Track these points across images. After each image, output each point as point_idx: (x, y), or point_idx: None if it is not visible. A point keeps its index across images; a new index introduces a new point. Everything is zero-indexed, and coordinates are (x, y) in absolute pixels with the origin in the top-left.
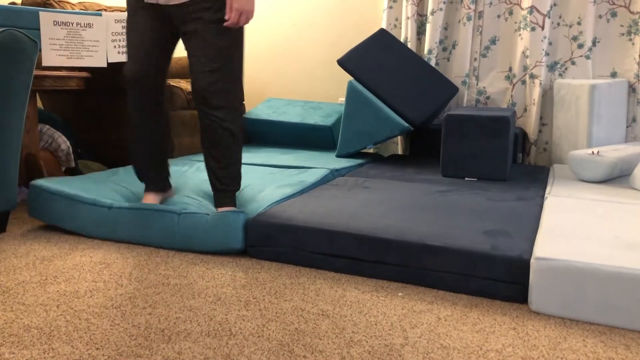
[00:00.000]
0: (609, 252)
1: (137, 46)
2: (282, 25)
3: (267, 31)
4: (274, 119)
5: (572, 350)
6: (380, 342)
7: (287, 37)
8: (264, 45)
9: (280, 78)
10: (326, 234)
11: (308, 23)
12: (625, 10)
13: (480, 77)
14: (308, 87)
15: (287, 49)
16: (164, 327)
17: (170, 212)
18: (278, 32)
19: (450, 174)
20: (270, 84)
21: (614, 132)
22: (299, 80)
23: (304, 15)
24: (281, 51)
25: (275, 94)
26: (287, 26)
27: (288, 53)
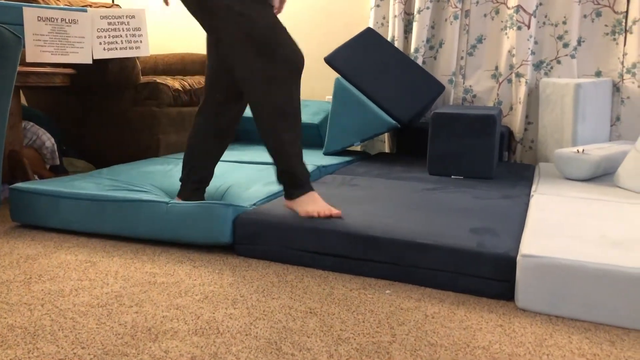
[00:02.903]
0: (595, 250)
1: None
2: None
3: None
4: None
5: (558, 347)
6: (368, 339)
7: None
8: None
9: None
10: (314, 232)
11: (295, 21)
12: (609, 10)
13: (467, 75)
14: None
15: None
16: (151, 326)
17: (158, 202)
18: None
19: (436, 172)
20: None
21: (599, 131)
22: None
23: (291, 13)
24: None
25: None
26: None
27: None
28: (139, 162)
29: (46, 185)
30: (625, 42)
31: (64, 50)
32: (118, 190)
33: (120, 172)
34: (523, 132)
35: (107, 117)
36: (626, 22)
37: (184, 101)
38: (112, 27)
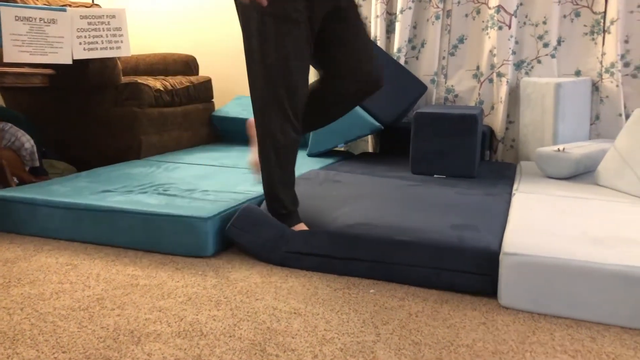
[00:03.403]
0: (576, 247)
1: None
2: None
3: (237, 29)
4: (244, 116)
5: (541, 344)
6: (353, 339)
7: None
8: (233, 42)
9: None
10: (300, 233)
11: None
12: (588, 11)
13: (449, 75)
14: None
15: None
16: (133, 329)
17: (137, 213)
18: None
19: (419, 171)
20: (239, 81)
21: (579, 130)
22: None
23: None
24: None
25: (245, 92)
26: None
27: None
28: (120, 165)
29: (22, 192)
30: (603, 42)
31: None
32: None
33: (100, 175)
34: (504, 131)
35: (87, 118)
36: (604, 22)
37: (166, 101)
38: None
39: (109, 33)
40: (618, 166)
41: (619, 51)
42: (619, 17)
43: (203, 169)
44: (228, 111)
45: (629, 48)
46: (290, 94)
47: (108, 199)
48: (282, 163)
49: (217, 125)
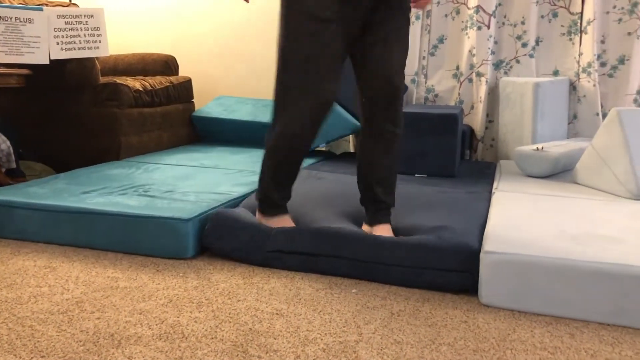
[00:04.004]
0: (555, 245)
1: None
2: (233, 22)
3: (217, 28)
4: (225, 117)
5: (521, 341)
6: (335, 339)
7: (237, 34)
8: (214, 42)
9: (231, 75)
10: (282, 231)
11: (259, 20)
12: (565, 11)
13: (429, 75)
14: (259, 84)
15: (238, 46)
16: (114, 332)
17: (117, 215)
18: (229, 29)
19: (401, 171)
20: (220, 81)
21: (557, 129)
22: (249, 77)
23: (256, 12)
24: (231, 48)
25: (226, 92)
26: (238, 24)
27: (238, 50)
28: (99, 166)
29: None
30: (580, 42)
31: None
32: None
33: (79, 176)
34: (484, 130)
35: (65, 119)
36: (581, 23)
37: (145, 102)
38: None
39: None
40: (596, 165)
41: (596, 51)
42: (595, 18)
43: (183, 169)
44: (209, 111)
45: (605, 48)
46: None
47: (87, 201)
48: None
49: (198, 126)
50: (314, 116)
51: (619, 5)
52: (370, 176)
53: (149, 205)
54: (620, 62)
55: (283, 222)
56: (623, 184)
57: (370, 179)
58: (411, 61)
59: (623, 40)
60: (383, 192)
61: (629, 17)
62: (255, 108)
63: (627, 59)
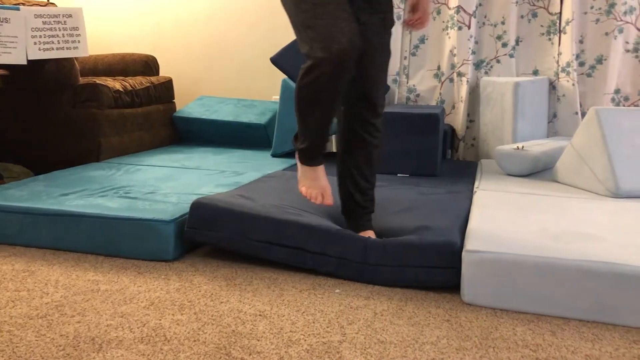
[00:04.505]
0: (536, 243)
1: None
2: (214, 22)
3: (198, 28)
4: (207, 117)
5: (503, 339)
6: (319, 339)
7: (219, 33)
8: (195, 41)
9: (213, 75)
10: (272, 222)
11: (240, 20)
12: (544, 11)
13: (410, 75)
14: (241, 84)
15: (219, 45)
16: (94, 336)
17: (97, 217)
18: (210, 28)
19: (383, 171)
20: (202, 81)
21: (537, 128)
22: (231, 77)
23: (237, 12)
24: (213, 48)
25: (207, 92)
26: (219, 24)
27: (220, 50)
28: (79, 167)
29: None
30: (559, 42)
31: None
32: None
33: (58, 178)
34: (465, 130)
35: (44, 120)
36: (560, 23)
37: (126, 102)
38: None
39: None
40: (575, 163)
41: (574, 51)
42: (573, 18)
43: (165, 170)
44: (190, 112)
45: (584, 48)
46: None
47: (67, 203)
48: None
49: (179, 126)
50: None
51: (597, 5)
52: (352, 186)
53: (130, 207)
54: (598, 61)
55: (316, 175)
56: (602, 182)
57: (351, 189)
58: (393, 61)
59: (601, 40)
60: (364, 199)
61: (606, 17)
62: (237, 108)
63: (605, 58)
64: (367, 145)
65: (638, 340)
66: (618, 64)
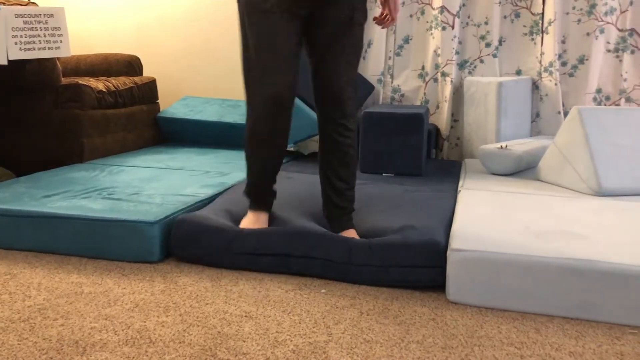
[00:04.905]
0: (520, 242)
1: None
2: (198, 22)
3: (182, 28)
4: (191, 117)
5: (488, 337)
6: (305, 340)
7: (203, 33)
8: (178, 41)
9: (197, 75)
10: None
11: (224, 19)
12: (527, 12)
13: (395, 75)
14: (225, 84)
15: (203, 45)
16: (78, 339)
17: (80, 219)
18: (194, 28)
19: (368, 170)
20: (186, 81)
21: (520, 127)
22: (216, 77)
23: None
24: (197, 48)
25: (192, 92)
26: (203, 23)
27: (204, 50)
28: (61, 169)
29: None
30: (542, 42)
31: None
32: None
33: (40, 180)
34: (449, 129)
35: (26, 121)
36: (542, 23)
37: (109, 103)
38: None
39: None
40: (558, 162)
41: (557, 51)
42: (555, 18)
43: (149, 171)
44: (174, 112)
45: (566, 48)
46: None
47: (49, 205)
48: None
49: (163, 127)
50: (268, 109)
51: (578, 6)
52: (328, 188)
53: (114, 208)
54: (580, 61)
55: (255, 219)
56: (585, 180)
57: (328, 191)
58: (377, 61)
59: (582, 40)
60: (341, 200)
61: (588, 17)
62: (221, 108)
63: (587, 58)
64: (339, 145)
65: (620, 337)
66: (599, 64)
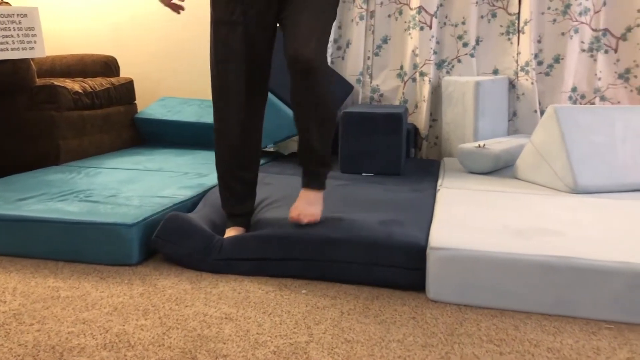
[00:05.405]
0: (498, 240)
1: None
2: (175, 21)
3: (159, 28)
4: (169, 118)
5: (468, 335)
6: (286, 341)
7: (180, 33)
8: (156, 41)
9: (175, 76)
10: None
11: (202, 19)
12: (503, 12)
13: (374, 75)
14: (204, 85)
15: (181, 45)
16: (55, 344)
17: (57, 222)
18: (171, 28)
19: (348, 170)
20: (163, 82)
21: (498, 126)
22: (194, 78)
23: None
24: (174, 48)
25: (169, 93)
26: (180, 23)
27: (181, 50)
28: (37, 171)
29: None
30: (518, 41)
31: None
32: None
33: (15, 182)
34: (428, 129)
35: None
36: (518, 23)
37: (85, 104)
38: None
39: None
40: (535, 160)
41: (533, 50)
42: (531, 18)
43: (126, 173)
44: (152, 113)
45: (542, 47)
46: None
47: (24, 208)
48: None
49: (141, 128)
50: (232, 119)
51: (553, 6)
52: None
53: (91, 211)
54: (555, 61)
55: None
56: (561, 178)
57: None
58: (356, 61)
59: (558, 40)
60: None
61: (563, 17)
62: (200, 109)
63: (562, 58)
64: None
65: (597, 332)
66: (574, 63)
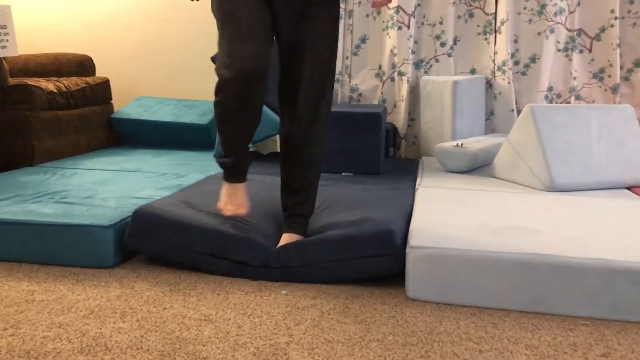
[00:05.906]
0: (477, 238)
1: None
2: (152, 20)
3: (135, 26)
4: (146, 118)
5: (447, 333)
6: (266, 342)
7: (157, 32)
8: (132, 40)
9: (151, 75)
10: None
11: (179, 18)
12: (480, 12)
13: (353, 74)
14: (181, 84)
15: (157, 44)
16: (30, 349)
17: (31, 224)
18: (147, 27)
19: (328, 170)
20: (139, 81)
21: (475, 125)
22: (171, 77)
23: (174, 9)
24: (151, 47)
25: (146, 92)
26: (157, 21)
27: (158, 49)
28: (10, 172)
29: None
30: (495, 41)
31: None
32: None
33: None
34: (406, 128)
35: None
36: (495, 23)
37: (60, 104)
38: None
39: None
40: (512, 159)
41: (509, 50)
42: (508, 18)
43: (103, 174)
44: (129, 113)
45: (518, 47)
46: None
47: None
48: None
49: (117, 128)
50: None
51: (529, 6)
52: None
53: (67, 213)
54: (532, 60)
55: (232, 192)
56: (538, 176)
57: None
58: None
59: (534, 40)
60: (296, 202)
61: (538, 18)
62: (177, 108)
63: (538, 57)
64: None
65: (574, 329)
66: (550, 63)
